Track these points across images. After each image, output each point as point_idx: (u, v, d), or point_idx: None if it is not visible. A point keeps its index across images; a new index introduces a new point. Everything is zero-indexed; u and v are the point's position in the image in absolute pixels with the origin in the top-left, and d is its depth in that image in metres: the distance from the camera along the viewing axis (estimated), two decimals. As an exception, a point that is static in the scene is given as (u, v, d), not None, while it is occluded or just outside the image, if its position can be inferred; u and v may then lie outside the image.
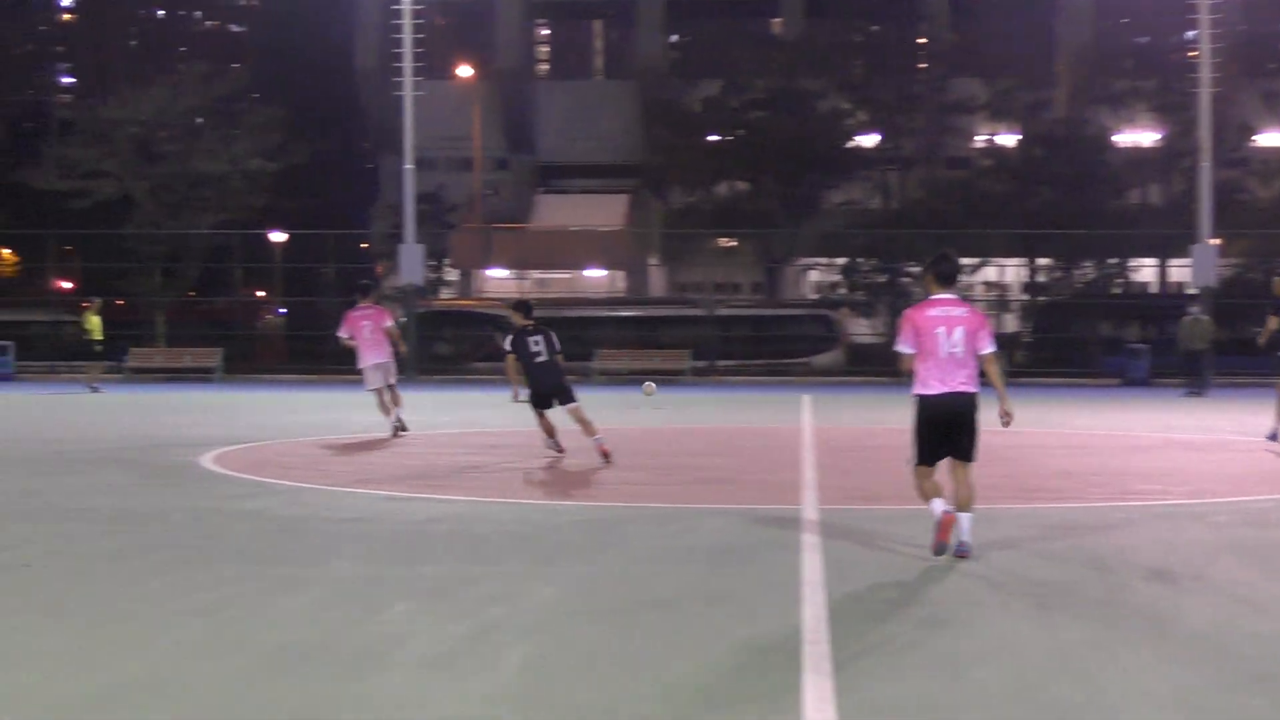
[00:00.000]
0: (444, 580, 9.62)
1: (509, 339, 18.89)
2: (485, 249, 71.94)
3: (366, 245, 75.81)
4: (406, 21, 46.94)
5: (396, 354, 22.56)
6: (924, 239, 57.03)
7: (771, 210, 68.43)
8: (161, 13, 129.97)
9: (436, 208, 73.96)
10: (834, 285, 61.61)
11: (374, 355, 22.34)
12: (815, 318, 55.68)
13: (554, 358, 18.75)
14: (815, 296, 61.87)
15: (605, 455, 17.91)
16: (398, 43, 47.54)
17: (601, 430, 18.48)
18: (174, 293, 56.92)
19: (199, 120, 57.99)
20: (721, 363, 50.87)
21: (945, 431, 10.76)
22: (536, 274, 75.76)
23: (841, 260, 61.98)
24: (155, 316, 55.47)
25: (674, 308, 61.44)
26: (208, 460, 17.71)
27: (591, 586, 9.47)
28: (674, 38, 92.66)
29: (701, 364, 49.47)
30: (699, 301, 58.76)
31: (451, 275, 75.91)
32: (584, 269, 75.23)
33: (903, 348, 10.83)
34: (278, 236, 64.75)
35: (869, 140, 72.17)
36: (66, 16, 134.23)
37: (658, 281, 78.18)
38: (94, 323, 37.48)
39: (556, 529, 12.15)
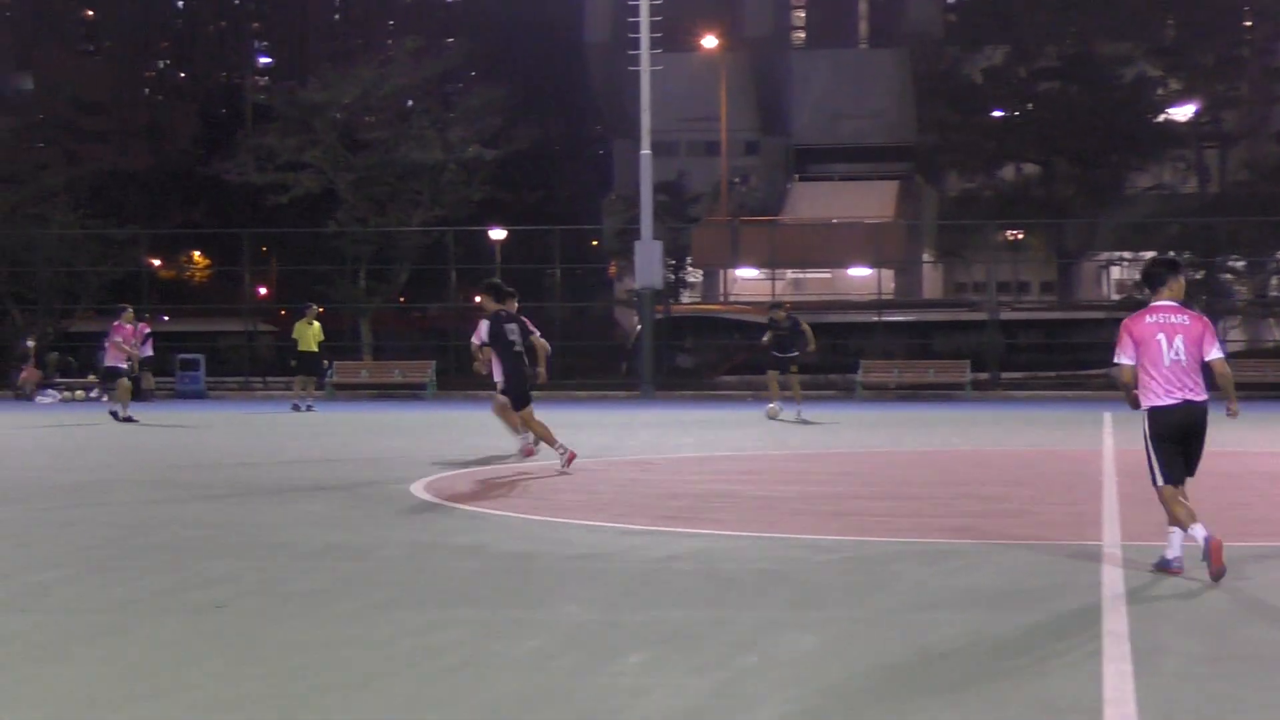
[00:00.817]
0: (687, 625, 9.66)
1: (486, 328, 19.94)
2: (732, 245, 72.15)
3: (597, 242, 76.56)
4: (642, -14, 47.24)
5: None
6: (1248, 228, 55.79)
7: (1066, 197, 67.57)
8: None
9: (677, 199, 74.42)
10: (1139, 284, 60.51)
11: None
12: (1118, 321, 54.83)
13: (525, 348, 20.55)
14: (1117, 297, 60.88)
15: (529, 455, 20.37)
16: (633, 11, 47.85)
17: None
18: (381, 299, 57.80)
19: (409, 103, 58.98)
20: (1006, 375, 50.32)
21: (1183, 444, 11.52)
22: (791, 273, 75.72)
23: (1149, 254, 60.80)
24: (360, 326, 56.51)
25: (951, 311, 61.01)
26: (420, 488, 18.02)
27: (857, 634, 9.43)
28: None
29: (983, 376, 49.00)
30: (980, 304, 58.20)
31: (694, 276, 76.22)
32: (846, 268, 75.02)
33: (1121, 359, 11.71)
34: (497, 234, 65.64)
35: (1182, 113, 70.77)
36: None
37: (932, 281, 77.65)
38: (306, 332, 38.23)
39: (816, 567, 12.12)
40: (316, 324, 38.59)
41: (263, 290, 73.37)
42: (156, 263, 74.89)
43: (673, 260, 64.42)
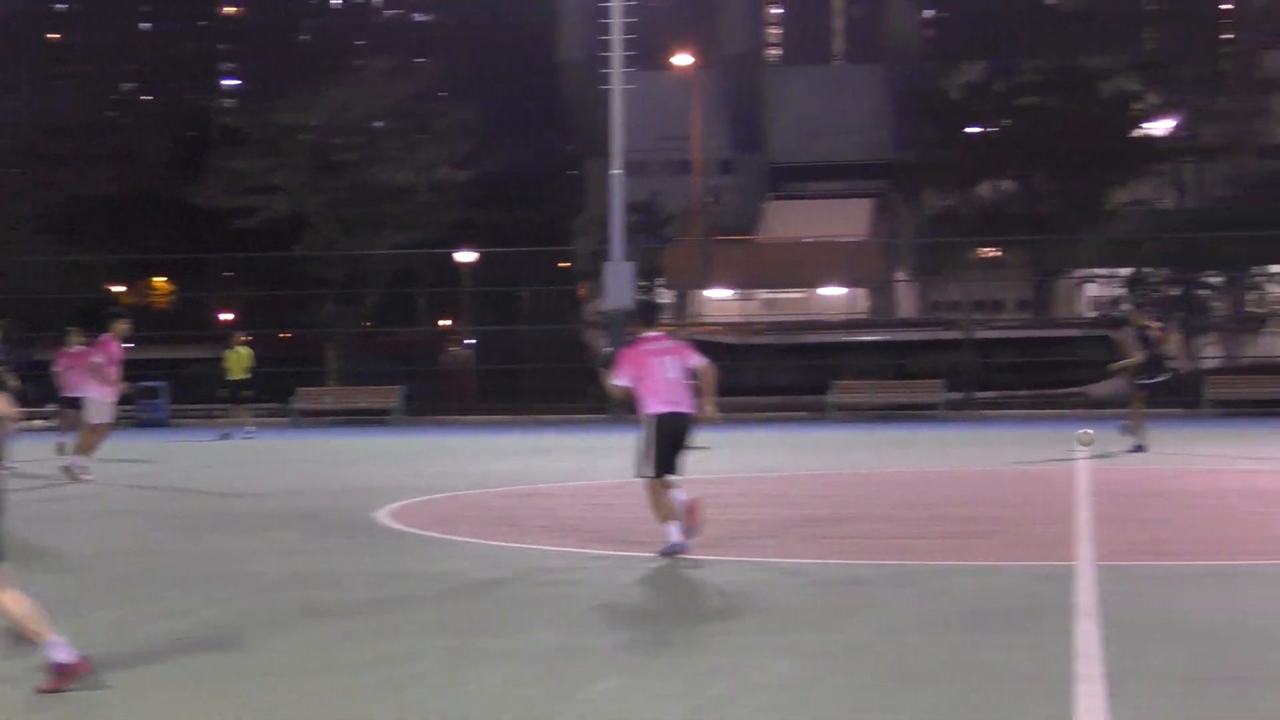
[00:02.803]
0: (659, 650, 9.68)
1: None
2: (706, 265, 72.19)
3: (568, 264, 76.50)
4: (616, 3, 47.22)
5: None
6: (1227, 244, 55.94)
7: (1044, 213, 67.67)
8: (337, 2, 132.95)
9: (650, 219, 74.37)
10: (1117, 300, 60.68)
11: (93, 391, 24.62)
12: (1094, 339, 54.82)
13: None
14: (1095, 314, 60.97)
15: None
16: (606, 29, 47.84)
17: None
18: (349, 323, 57.64)
19: (380, 125, 58.90)
20: (981, 394, 50.38)
21: (676, 447, 14.14)
22: (764, 293, 75.76)
23: (1127, 271, 61.00)
24: (327, 351, 56.28)
25: (926, 331, 61.03)
26: (387, 516, 18.02)
27: (831, 658, 9.45)
28: (929, 13, 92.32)
29: (958, 396, 49.05)
30: (955, 323, 58.27)
31: (666, 297, 76.16)
32: (821, 287, 75.11)
33: (618, 381, 14.38)
34: (467, 256, 65.63)
35: (1162, 127, 70.95)
36: (231, 10, 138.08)
37: (907, 300, 77.76)
38: (233, 359, 38.49)
39: (790, 591, 12.16)
40: (243, 350, 38.80)
41: (229, 315, 73.19)
42: (121, 289, 74.72)
43: (645, 281, 64.37)
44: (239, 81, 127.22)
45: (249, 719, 8.14)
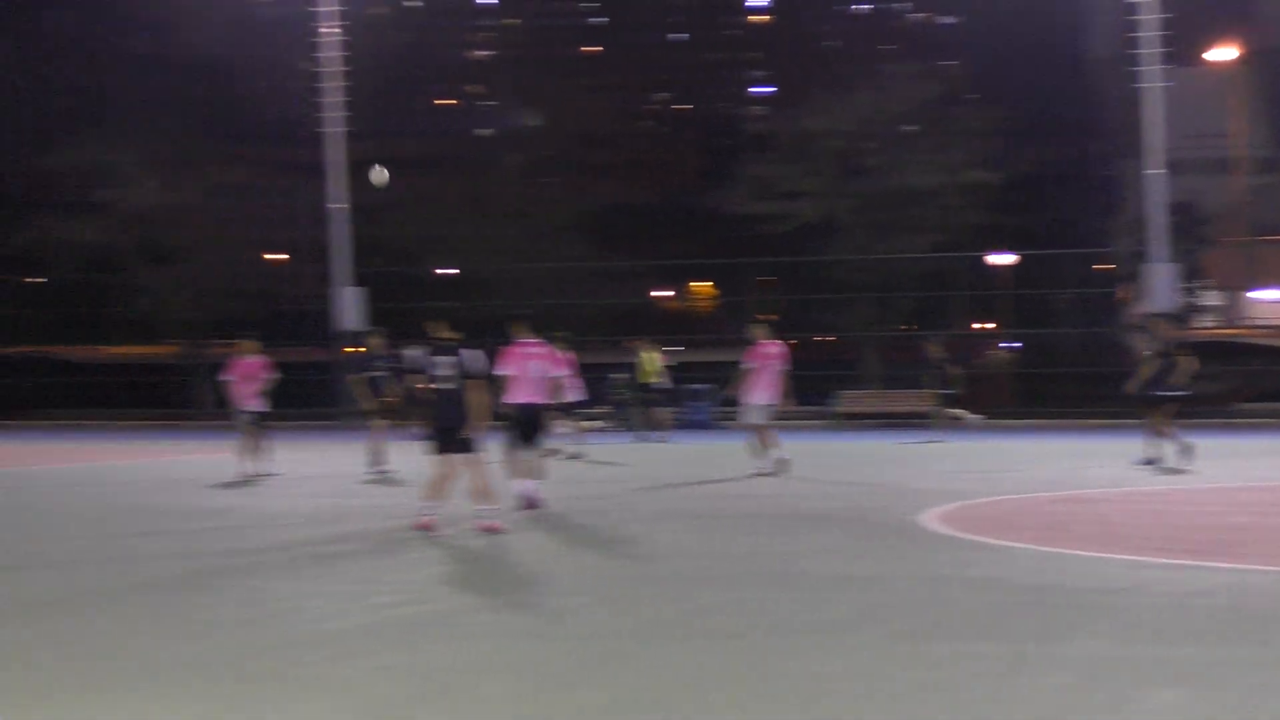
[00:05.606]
0: (1214, 664, 9.50)
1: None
2: (1251, 267, 69.84)
3: (1109, 266, 75.13)
4: (1146, -1, 46.30)
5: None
6: None
7: None
8: (867, 7, 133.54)
9: (1191, 219, 72.55)
10: None
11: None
12: None
13: (461, 389, 17.39)
14: None
15: (492, 530, 17.15)
16: (1136, 25, 46.95)
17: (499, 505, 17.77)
18: (886, 327, 57.79)
19: (908, 128, 58.90)
20: None
21: None
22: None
23: None
24: (866, 354, 56.65)
25: None
26: (931, 519, 18.05)
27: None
28: None
29: None
30: None
31: (1211, 299, 74.07)
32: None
33: None
34: (1003, 259, 65.06)
35: None
36: (758, 18, 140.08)
37: None
38: (646, 363, 39.31)
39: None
40: (654, 354, 39.58)
41: (769, 319, 74.16)
42: (669, 293, 76.70)
43: (1188, 283, 62.72)
44: (771, 88, 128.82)
45: (796, 718, 8.34)
